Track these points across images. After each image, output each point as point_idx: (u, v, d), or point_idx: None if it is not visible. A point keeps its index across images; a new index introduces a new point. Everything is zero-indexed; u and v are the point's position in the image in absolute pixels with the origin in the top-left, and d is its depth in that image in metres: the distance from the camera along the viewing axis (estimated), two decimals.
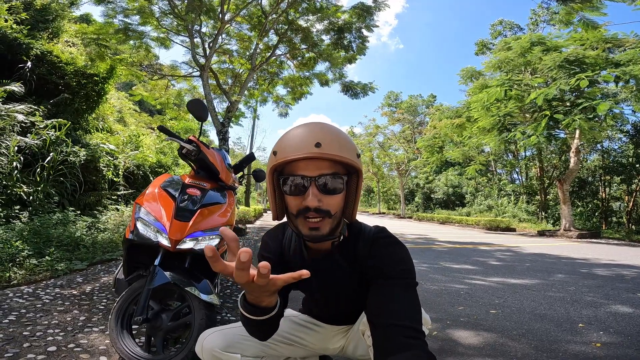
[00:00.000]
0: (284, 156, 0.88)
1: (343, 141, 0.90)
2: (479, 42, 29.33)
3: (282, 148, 0.91)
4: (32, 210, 4.69)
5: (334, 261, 1.04)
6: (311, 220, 0.89)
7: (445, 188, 29.61)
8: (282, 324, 1.20)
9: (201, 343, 1.09)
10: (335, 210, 0.92)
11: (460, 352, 2.03)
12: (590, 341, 2.28)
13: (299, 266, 1.09)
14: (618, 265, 5.83)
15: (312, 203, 0.87)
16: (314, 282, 1.10)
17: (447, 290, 3.64)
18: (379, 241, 0.98)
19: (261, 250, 1.17)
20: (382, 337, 0.80)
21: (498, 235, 12.51)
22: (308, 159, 0.87)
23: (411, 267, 0.92)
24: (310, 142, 0.86)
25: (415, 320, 0.81)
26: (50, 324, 2.01)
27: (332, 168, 0.89)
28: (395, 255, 0.94)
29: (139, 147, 9.07)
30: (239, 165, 2.41)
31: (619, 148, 17.93)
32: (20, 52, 6.99)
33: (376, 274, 0.92)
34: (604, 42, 11.10)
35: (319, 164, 0.88)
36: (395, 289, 0.87)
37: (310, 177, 0.88)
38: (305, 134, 0.89)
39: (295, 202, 0.91)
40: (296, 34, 10.43)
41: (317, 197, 0.88)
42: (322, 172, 0.88)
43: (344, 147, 0.89)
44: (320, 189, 0.88)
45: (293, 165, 0.90)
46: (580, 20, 9.49)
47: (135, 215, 1.65)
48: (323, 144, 0.86)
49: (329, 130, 0.91)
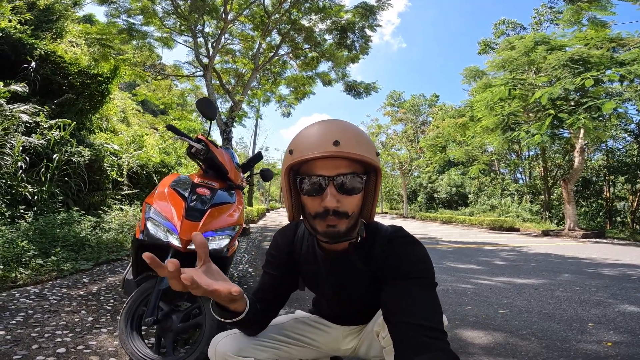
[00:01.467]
0: (301, 155, 0.86)
1: (362, 139, 0.87)
2: (482, 42, 29.22)
3: (298, 146, 0.88)
4: (37, 210, 4.69)
5: (349, 261, 1.02)
6: (330, 218, 0.87)
7: (448, 188, 29.55)
8: (293, 326, 1.21)
9: (214, 347, 1.08)
10: (352, 211, 0.89)
11: (471, 352, 2.02)
12: (600, 340, 2.27)
13: (310, 265, 1.09)
14: (624, 265, 5.80)
15: (330, 204, 0.85)
16: (327, 282, 1.09)
17: (453, 290, 3.62)
18: (396, 240, 0.97)
19: (270, 248, 1.16)
20: (403, 337, 0.78)
21: (502, 235, 12.47)
22: (326, 157, 0.84)
23: (430, 267, 0.91)
24: (329, 140, 0.83)
25: (436, 321, 0.79)
26: (58, 325, 2.00)
27: (350, 167, 0.86)
28: (413, 255, 0.92)
29: (143, 147, 9.06)
30: (247, 165, 2.40)
31: (623, 147, 17.87)
32: (24, 52, 7.00)
33: (394, 274, 0.90)
34: (609, 41, 11.05)
35: (337, 163, 0.85)
36: (414, 288, 0.85)
37: (329, 176, 0.85)
38: (323, 132, 0.86)
39: (313, 203, 0.89)
40: (299, 34, 10.42)
41: (336, 197, 0.85)
42: (340, 171, 0.85)
43: (363, 146, 0.86)
44: (338, 188, 0.86)
45: (310, 165, 0.87)
46: (590, 20, 9.44)
47: (146, 214, 1.63)
48: (342, 142, 0.83)
49: (348, 128, 0.88)
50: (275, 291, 1.10)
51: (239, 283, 3.38)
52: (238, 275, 3.77)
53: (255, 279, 3.67)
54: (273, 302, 1.09)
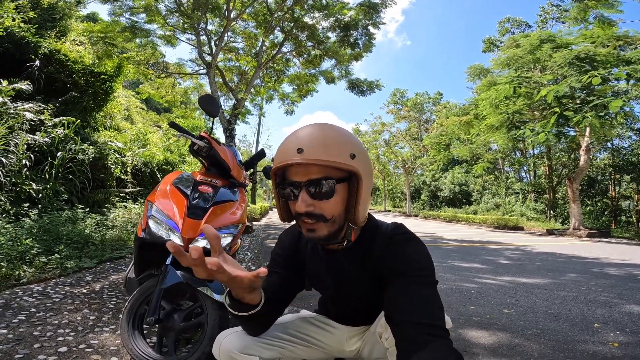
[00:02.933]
0: (276, 162, 0.91)
1: (331, 144, 0.86)
2: (486, 40, 29.05)
3: (277, 154, 0.92)
4: (41, 208, 4.71)
5: (342, 261, 1.04)
6: (306, 221, 0.90)
7: (452, 186, 29.42)
8: (298, 325, 1.22)
9: (219, 344, 1.09)
10: (331, 215, 0.90)
11: (476, 352, 1.99)
12: (607, 341, 2.24)
13: (314, 264, 1.12)
14: (630, 264, 5.75)
15: (300, 209, 0.88)
16: (328, 280, 1.11)
17: (457, 289, 3.60)
18: (395, 238, 0.96)
19: (275, 247, 1.19)
20: (404, 336, 0.78)
21: (506, 234, 12.41)
22: (295, 165, 0.87)
23: (430, 264, 0.90)
24: (293, 149, 0.86)
25: (437, 318, 0.79)
26: (61, 323, 1.99)
27: (322, 172, 0.87)
28: (412, 253, 0.92)
29: (146, 145, 9.09)
30: (250, 162, 2.38)
31: (629, 146, 17.73)
32: (28, 50, 7.02)
33: (394, 272, 0.89)
34: (615, 39, 10.94)
35: (308, 169, 0.87)
36: (414, 286, 0.85)
37: (299, 182, 0.88)
38: (292, 140, 0.89)
39: (293, 207, 0.92)
40: (302, 32, 10.39)
41: (307, 202, 0.87)
42: (311, 177, 0.87)
43: (330, 151, 0.85)
44: (310, 194, 0.87)
45: (287, 171, 0.91)
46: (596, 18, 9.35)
47: (148, 213, 1.61)
48: (305, 150, 0.85)
49: (315, 134, 0.89)
50: (281, 290, 1.11)
51: None
52: None
53: None
54: (278, 302, 1.10)
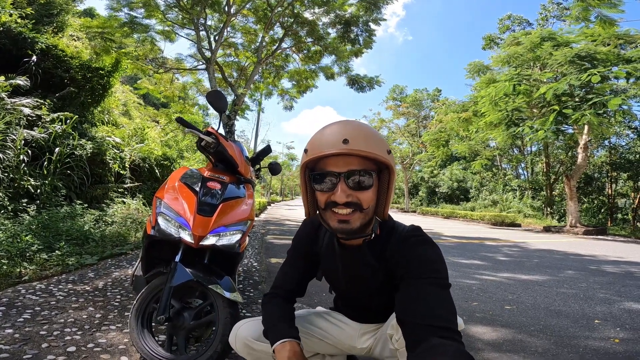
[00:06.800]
0: (314, 153, 0.92)
1: (372, 137, 0.92)
2: (487, 37, 29.05)
3: (312, 145, 0.94)
4: (39, 204, 4.68)
5: (362, 257, 1.05)
6: (340, 212, 0.92)
7: (450, 182, 29.52)
8: (313, 319, 1.27)
9: (235, 332, 1.15)
10: (367, 205, 0.93)
11: (480, 348, 2.01)
12: (608, 337, 2.28)
13: (329, 259, 1.15)
14: (626, 262, 5.80)
15: (340, 198, 0.90)
16: (342, 275, 1.13)
17: (458, 285, 3.61)
18: (410, 240, 0.97)
19: (293, 241, 1.23)
20: (415, 338, 0.78)
21: (503, 231, 12.48)
22: (337, 155, 0.89)
23: (442, 268, 0.91)
24: (339, 139, 0.89)
25: (449, 321, 0.79)
26: (67, 322, 1.96)
27: (361, 164, 0.91)
28: (425, 255, 0.93)
29: (145, 140, 9.02)
30: (256, 158, 2.36)
31: (627, 144, 17.84)
32: (26, 46, 6.94)
33: (407, 273, 0.90)
34: (616, 38, 10.97)
35: (348, 160, 0.90)
36: (426, 288, 0.85)
37: (339, 172, 0.90)
38: (334, 131, 0.92)
39: (324, 198, 0.94)
40: (302, 27, 10.34)
41: (346, 192, 0.90)
42: (351, 168, 0.90)
43: (372, 143, 0.90)
44: (349, 184, 0.90)
45: (323, 162, 0.93)
46: (598, 17, 9.35)
47: (157, 210, 1.59)
48: (351, 140, 0.88)
49: (358, 127, 0.93)
50: (297, 279, 1.19)
51: (244, 278, 3.37)
52: (243, 269, 3.75)
53: (260, 273, 3.66)
54: (293, 292, 1.18)
